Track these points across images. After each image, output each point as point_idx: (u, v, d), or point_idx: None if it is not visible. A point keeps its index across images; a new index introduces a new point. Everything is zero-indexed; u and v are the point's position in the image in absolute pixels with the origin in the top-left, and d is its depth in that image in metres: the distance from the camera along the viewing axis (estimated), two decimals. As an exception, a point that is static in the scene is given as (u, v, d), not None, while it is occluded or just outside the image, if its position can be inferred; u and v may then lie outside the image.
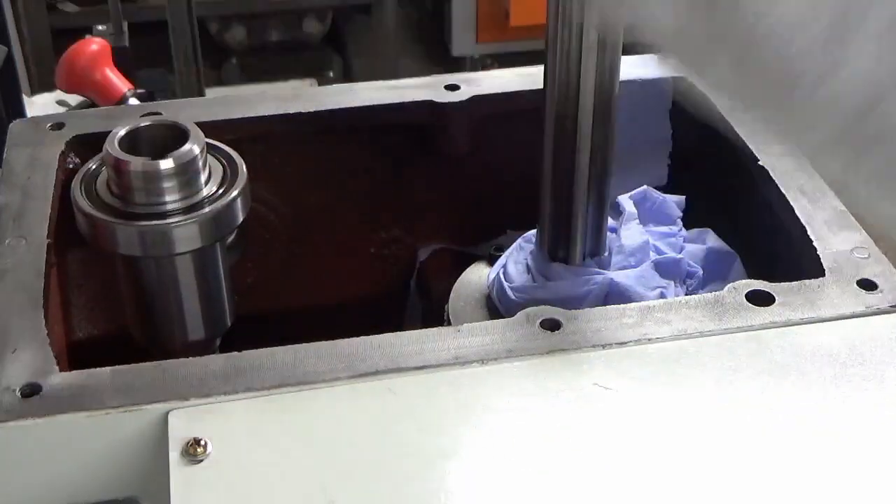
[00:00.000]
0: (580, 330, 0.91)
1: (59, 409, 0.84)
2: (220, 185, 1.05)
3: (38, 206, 1.06)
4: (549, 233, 1.08)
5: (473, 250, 1.33)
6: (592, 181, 1.04)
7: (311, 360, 0.88)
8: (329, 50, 4.50)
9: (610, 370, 0.88)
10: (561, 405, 0.85)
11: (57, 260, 1.04)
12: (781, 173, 1.09)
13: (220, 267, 1.10)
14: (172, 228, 1.00)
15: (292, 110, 1.21)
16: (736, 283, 0.96)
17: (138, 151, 1.02)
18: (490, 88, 1.24)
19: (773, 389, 0.87)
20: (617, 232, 1.12)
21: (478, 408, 0.85)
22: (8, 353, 0.89)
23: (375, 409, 0.85)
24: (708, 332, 0.91)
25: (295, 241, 1.30)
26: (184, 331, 1.10)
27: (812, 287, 0.95)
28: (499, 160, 1.29)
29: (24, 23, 3.73)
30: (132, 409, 0.84)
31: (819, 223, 1.03)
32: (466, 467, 0.81)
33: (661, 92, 1.25)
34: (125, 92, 1.72)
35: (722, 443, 0.83)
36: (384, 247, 1.34)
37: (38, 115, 1.22)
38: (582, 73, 0.98)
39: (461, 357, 0.89)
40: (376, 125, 1.24)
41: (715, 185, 1.25)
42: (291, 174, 1.26)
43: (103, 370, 0.88)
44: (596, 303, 1.04)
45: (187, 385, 0.86)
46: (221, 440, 0.82)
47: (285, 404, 0.85)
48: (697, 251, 1.13)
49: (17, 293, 0.95)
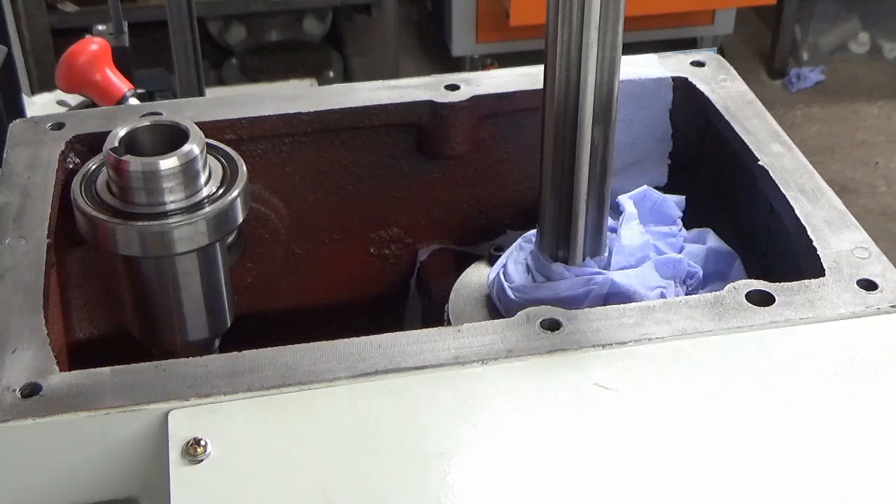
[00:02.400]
0: (580, 330, 0.91)
1: (59, 409, 0.84)
2: (220, 185, 1.05)
3: (38, 206, 1.06)
4: (550, 233, 1.08)
5: (473, 250, 1.33)
6: (592, 181, 1.04)
7: (311, 360, 0.88)
8: (329, 50, 4.50)
9: (610, 370, 0.88)
10: (561, 405, 0.85)
11: (57, 260, 1.04)
12: (781, 173, 1.09)
13: (220, 267, 1.10)
14: (172, 228, 1.00)
15: (292, 110, 1.21)
16: (736, 283, 0.96)
17: (138, 151, 1.02)
18: (490, 88, 1.24)
19: (773, 389, 0.87)
20: (617, 232, 1.12)
21: (478, 408, 0.85)
22: (8, 353, 0.89)
23: (375, 409, 0.85)
24: (708, 332, 0.91)
25: (295, 241, 1.30)
26: (184, 331, 1.10)
27: (812, 287, 0.95)
28: (499, 160, 1.29)
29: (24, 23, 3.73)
30: (132, 409, 0.84)
31: (819, 223, 1.03)
32: (466, 467, 0.81)
33: (662, 92, 1.25)
34: (125, 92, 1.72)
35: (722, 442, 0.83)
36: (384, 247, 1.34)
37: (38, 115, 1.22)
38: (582, 73, 0.98)
39: (461, 357, 0.89)
40: (376, 125, 1.24)
41: (715, 185, 1.25)
42: (291, 174, 1.26)
43: (103, 370, 0.88)
44: (596, 303, 1.04)
45: (187, 385, 0.86)
46: (221, 440, 0.82)
47: (285, 404, 0.85)
48: (697, 251, 1.13)
49: (17, 293, 0.95)
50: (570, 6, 0.96)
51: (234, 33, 4.48)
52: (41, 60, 3.72)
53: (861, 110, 4.42)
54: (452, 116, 1.23)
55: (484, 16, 4.16)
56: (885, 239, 3.65)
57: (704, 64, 1.27)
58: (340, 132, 1.24)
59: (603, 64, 0.98)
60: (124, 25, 2.20)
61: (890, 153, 4.17)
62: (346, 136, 1.25)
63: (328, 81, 4.17)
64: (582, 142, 1.02)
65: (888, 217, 3.85)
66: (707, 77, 1.25)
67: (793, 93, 4.51)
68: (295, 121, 1.21)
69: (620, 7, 0.96)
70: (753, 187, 1.13)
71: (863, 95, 4.50)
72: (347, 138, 1.25)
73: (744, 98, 1.22)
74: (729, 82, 1.24)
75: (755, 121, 1.17)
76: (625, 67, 1.03)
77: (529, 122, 1.25)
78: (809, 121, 4.35)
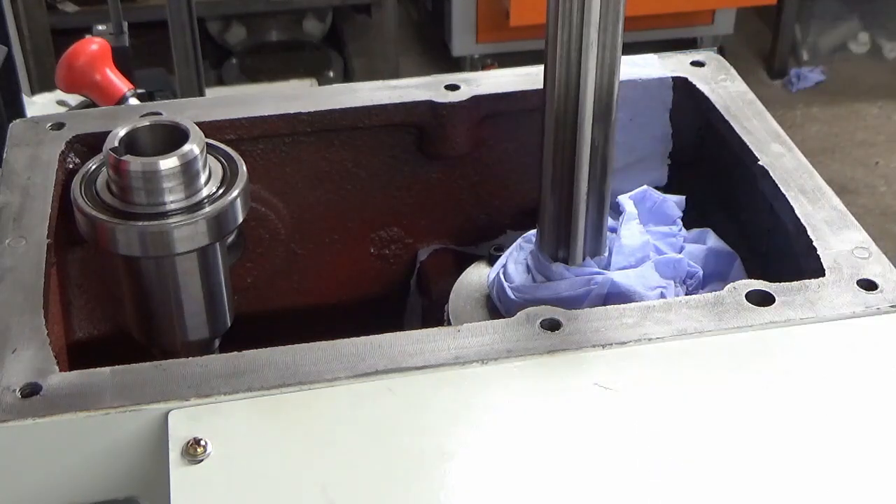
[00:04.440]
0: (580, 330, 0.91)
1: (59, 409, 0.84)
2: (220, 185, 1.05)
3: (38, 206, 1.06)
4: (550, 233, 1.08)
5: (473, 250, 1.33)
6: (592, 181, 1.04)
7: (311, 360, 0.88)
8: (329, 50, 4.50)
9: (610, 370, 0.88)
10: (561, 405, 0.85)
11: (57, 260, 1.04)
12: (781, 173, 1.09)
13: (220, 267, 1.10)
14: (172, 228, 1.00)
15: (292, 110, 1.21)
16: (736, 283, 0.96)
17: (138, 151, 1.02)
18: (490, 88, 1.24)
19: (773, 389, 0.87)
20: (617, 232, 1.12)
21: (478, 408, 0.85)
22: (8, 353, 0.89)
23: (375, 409, 0.85)
24: (708, 332, 0.91)
25: (295, 241, 1.30)
26: (184, 331, 1.10)
27: (812, 287, 0.95)
28: (499, 160, 1.29)
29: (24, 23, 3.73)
30: (132, 409, 0.84)
31: (819, 223, 1.02)
32: (466, 467, 0.81)
33: (662, 92, 1.25)
34: (125, 92, 1.72)
35: (722, 442, 0.83)
36: (384, 247, 1.34)
37: (38, 115, 1.22)
38: (582, 73, 0.98)
39: (461, 357, 0.89)
40: (376, 125, 1.24)
41: (715, 185, 1.25)
42: (291, 174, 1.26)
43: (103, 370, 0.88)
44: (596, 303, 1.04)
45: (187, 385, 0.86)
46: (221, 440, 0.82)
47: (285, 404, 0.85)
48: (697, 251, 1.13)
49: (17, 293, 0.95)
50: (570, 6, 0.96)
51: (234, 33, 4.48)
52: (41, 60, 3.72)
53: (861, 110, 4.42)
54: (452, 116, 1.23)
55: (484, 16, 4.16)
56: (885, 239, 3.65)
57: (704, 64, 1.27)
58: (340, 132, 1.24)
59: (603, 64, 0.98)
60: (124, 25, 2.20)
61: (890, 153, 4.17)
62: (346, 136, 1.25)
63: (328, 81, 4.18)
64: (582, 142, 1.02)
65: (888, 217, 3.85)
66: (707, 77, 1.25)
67: (793, 93, 4.51)
68: (295, 121, 1.21)
69: (620, 7, 0.96)
70: (753, 187, 1.13)
71: (863, 95, 4.50)
72: (347, 138, 1.25)
73: (744, 98, 1.22)
74: (729, 82, 1.24)
75: (755, 121, 1.17)
76: (625, 67, 1.03)
77: (529, 122, 1.25)
78: (809, 121, 4.35)
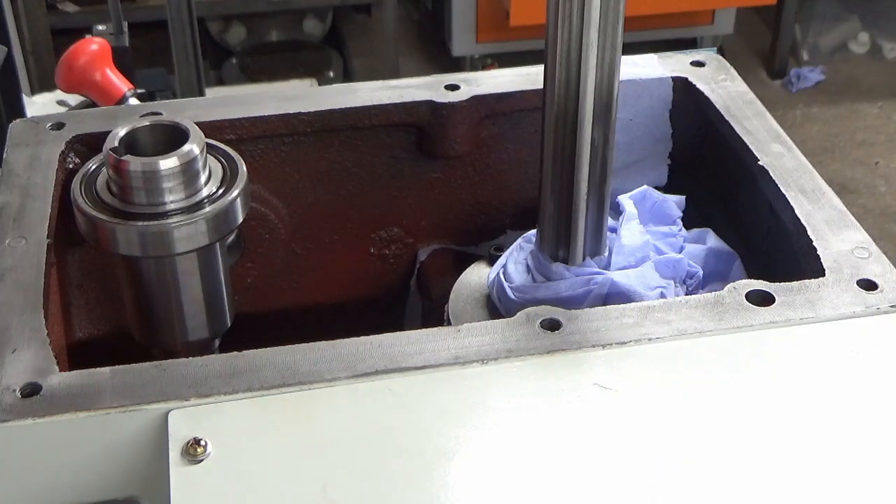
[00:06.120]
0: (580, 330, 0.91)
1: (58, 409, 0.84)
2: (220, 185, 1.05)
3: (38, 206, 1.06)
4: (550, 233, 1.08)
5: (473, 250, 1.33)
6: (592, 181, 1.04)
7: (311, 360, 0.88)
8: (329, 50, 4.50)
9: (610, 370, 0.88)
10: (561, 405, 0.85)
11: (57, 260, 1.04)
12: (781, 173, 1.09)
13: (220, 267, 1.10)
14: (172, 228, 1.00)
15: (292, 110, 1.21)
16: (736, 283, 0.96)
17: (138, 151, 1.02)
18: (490, 88, 1.24)
19: (773, 389, 0.87)
20: (617, 232, 1.12)
21: (478, 408, 0.85)
22: (8, 353, 0.89)
23: (375, 409, 0.85)
24: (708, 332, 0.91)
25: (295, 241, 1.30)
26: (184, 331, 1.10)
27: (812, 287, 0.95)
28: (499, 160, 1.29)
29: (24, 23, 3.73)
30: (132, 409, 0.84)
31: (819, 223, 1.02)
32: (466, 467, 0.81)
33: (662, 92, 1.25)
34: (125, 92, 1.72)
35: (722, 442, 0.83)
36: (384, 247, 1.34)
37: (38, 115, 1.22)
38: (582, 73, 0.98)
39: (461, 357, 0.89)
40: (376, 125, 1.24)
41: (715, 185, 1.25)
42: (291, 174, 1.26)
43: (103, 370, 0.88)
44: (596, 303, 1.04)
45: (187, 385, 0.86)
46: (221, 440, 0.82)
47: (285, 404, 0.85)
48: (697, 251, 1.13)
49: (17, 293, 0.95)
50: (570, 6, 0.96)
51: (234, 33, 4.48)
52: (41, 60, 3.72)
53: (861, 110, 4.42)
54: (452, 116, 1.23)
55: (484, 16, 4.17)
56: (885, 239, 3.65)
57: (704, 64, 1.27)
58: (340, 132, 1.24)
59: (603, 64, 0.98)
60: (124, 25, 2.21)
61: (890, 153, 4.17)
62: (346, 136, 1.25)
63: (328, 81, 4.18)
64: (582, 142, 1.02)
65: (888, 217, 3.85)
66: (707, 77, 1.25)
67: (793, 93, 4.51)
68: (295, 121, 1.21)
69: (620, 7, 0.96)
70: (753, 187, 1.13)
71: (863, 95, 4.50)
72: (347, 138, 1.25)
73: (744, 98, 1.22)
74: (729, 82, 1.24)
75: (755, 121, 1.17)
76: (625, 67, 1.03)
77: (529, 122, 1.25)
78: (809, 121, 4.35)
